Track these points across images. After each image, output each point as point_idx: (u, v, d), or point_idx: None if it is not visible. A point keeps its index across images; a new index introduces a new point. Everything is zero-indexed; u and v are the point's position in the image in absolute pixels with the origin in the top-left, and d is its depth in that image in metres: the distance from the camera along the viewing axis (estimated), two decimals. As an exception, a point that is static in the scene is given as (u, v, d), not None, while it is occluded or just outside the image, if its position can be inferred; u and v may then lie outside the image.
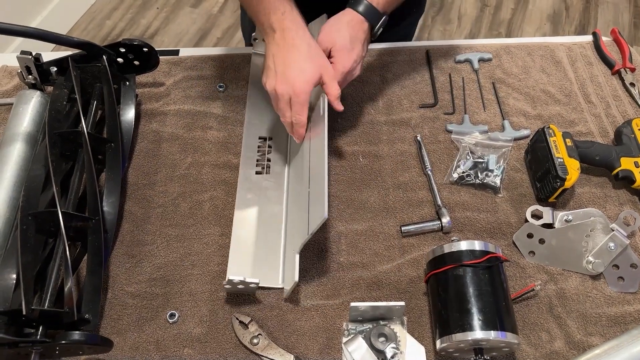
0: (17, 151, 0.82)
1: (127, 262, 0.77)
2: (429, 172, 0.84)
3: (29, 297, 0.62)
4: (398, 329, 0.70)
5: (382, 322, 0.71)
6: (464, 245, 0.69)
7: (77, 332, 0.61)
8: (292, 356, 0.69)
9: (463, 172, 0.83)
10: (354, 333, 0.70)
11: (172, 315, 0.72)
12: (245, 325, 0.71)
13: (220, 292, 0.74)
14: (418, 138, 0.88)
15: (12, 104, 0.93)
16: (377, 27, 0.79)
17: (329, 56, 0.77)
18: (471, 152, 0.85)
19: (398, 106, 0.93)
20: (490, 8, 2.23)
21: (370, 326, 0.71)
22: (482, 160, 0.84)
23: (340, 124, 0.91)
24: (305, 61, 0.72)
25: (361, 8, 0.76)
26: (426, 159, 0.85)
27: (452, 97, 0.94)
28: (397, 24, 0.90)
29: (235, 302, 0.73)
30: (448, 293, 0.67)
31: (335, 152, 0.88)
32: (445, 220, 0.78)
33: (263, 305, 0.73)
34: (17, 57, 0.87)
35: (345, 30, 0.76)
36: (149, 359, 0.69)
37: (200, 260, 0.77)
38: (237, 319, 0.72)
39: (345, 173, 0.86)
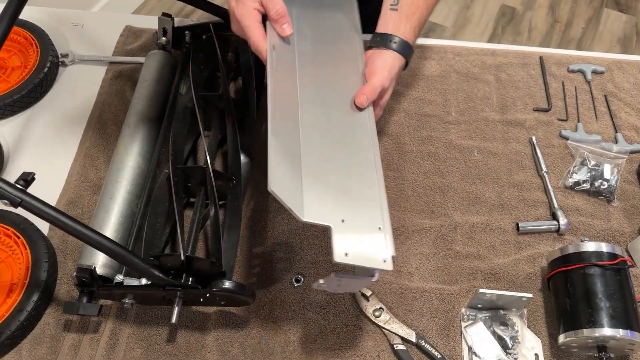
0: (149, 108, 0.85)
1: (253, 225, 0.80)
2: (544, 174, 0.86)
3: (186, 245, 0.65)
4: (516, 320, 0.72)
5: (501, 312, 0.73)
6: (592, 246, 0.70)
7: (229, 281, 0.64)
8: (414, 332, 0.71)
9: (579, 178, 0.85)
10: (473, 319, 0.73)
11: (297, 280, 0.75)
12: (366, 298, 0.74)
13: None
14: (533, 140, 0.90)
15: (140, 62, 0.97)
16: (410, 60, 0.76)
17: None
18: (587, 160, 0.87)
19: (512, 107, 0.95)
20: (561, 25, 2.23)
21: (488, 314, 0.73)
22: (597, 169, 0.86)
23: (454, 117, 0.93)
24: None
25: (406, 52, 0.73)
26: (542, 161, 0.87)
27: (565, 104, 0.96)
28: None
29: (355, 276, 0.76)
30: (577, 290, 0.68)
31: (449, 144, 0.90)
32: (563, 222, 0.80)
33: (381, 281, 0.76)
34: (159, 19, 0.91)
35: (388, 60, 0.72)
36: (274, 317, 0.72)
37: (320, 232, 0.80)
38: (360, 290, 0.74)
39: (460, 166, 0.88)
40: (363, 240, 0.56)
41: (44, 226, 0.78)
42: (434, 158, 0.88)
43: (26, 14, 0.83)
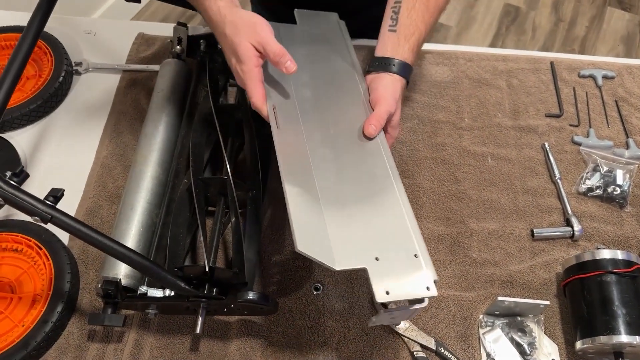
0: (165, 117, 0.86)
1: (272, 234, 0.80)
2: (558, 180, 0.87)
3: (209, 255, 0.66)
4: (534, 326, 0.73)
5: (518, 318, 0.74)
6: (608, 254, 0.71)
7: (253, 292, 0.64)
8: (433, 340, 0.72)
9: (592, 184, 0.86)
10: (490, 325, 0.74)
11: (317, 288, 0.76)
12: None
13: (358, 272, 0.78)
14: (546, 146, 0.91)
15: (154, 71, 0.97)
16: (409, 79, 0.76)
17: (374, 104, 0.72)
18: (600, 166, 0.88)
19: (524, 112, 0.96)
20: (565, 24, 2.23)
21: (506, 321, 0.74)
22: (609, 175, 0.87)
23: (467, 123, 0.94)
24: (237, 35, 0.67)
25: (406, 74, 0.74)
26: (555, 167, 0.88)
27: (577, 109, 0.97)
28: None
29: (373, 283, 0.77)
30: (594, 297, 0.70)
31: (463, 150, 0.91)
32: (578, 228, 0.81)
33: (400, 289, 0.77)
34: (174, 27, 0.91)
35: (390, 84, 0.73)
36: (295, 326, 0.73)
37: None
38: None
39: (474, 172, 0.89)
40: (401, 272, 0.56)
41: (64, 237, 0.79)
42: (448, 164, 0.89)
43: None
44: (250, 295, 0.64)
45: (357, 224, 0.59)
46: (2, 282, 0.74)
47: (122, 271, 0.70)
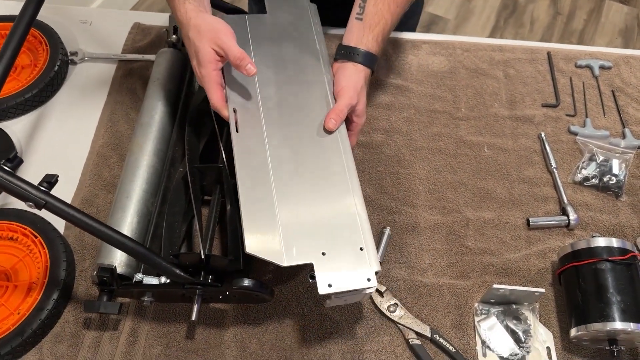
0: (161, 106, 0.85)
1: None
2: (554, 170, 0.87)
3: (205, 243, 0.66)
4: (528, 314, 0.74)
5: (514, 306, 0.74)
6: (603, 242, 0.72)
7: (249, 279, 0.64)
8: (429, 327, 0.72)
9: (588, 174, 0.86)
10: (485, 313, 0.74)
11: (312, 277, 0.75)
12: (381, 294, 0.75)
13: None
14: (542, 136, 0.91)
15: (150, 60, 0.97)
16: (375, 69, 0.77)
17: (350, 114, 0.74)
18: (596, 155, 0.88)
19: (521, 102, 0.96)
20: (563, 17, 2.23)
21: (501, 309, 0.74)
22: (605, 164, 0.87)
23: (464, 113, 0.94)
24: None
25: (370, 63, 0.75)
26: (551, 157, 0.88)
27: (574, 99, 0.97)
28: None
29: (369, 272, 0.77)
30: (588, 285, 0.70)
31: (459, 140, 0.91)
32: (573, 217, 0.81)
33: (395, 277, 0.77)
34: (170, 17, 0.91)
35: (365, 91, 0.75)
36: (291, 313, 0.73)
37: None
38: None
39: (470, 162, 0.89)
40: (345, 265, 0.60)
41: (60, 225, 0.79)
42: (445, 154, 0.89)
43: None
44: (246, 282, 0.64)
45: (309, 221, 0.63)
46: (-3, 271, 0.74)
47: (117, 259, 0.70)
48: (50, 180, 0.56)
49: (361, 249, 0.61)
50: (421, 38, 1.04)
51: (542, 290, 0.71)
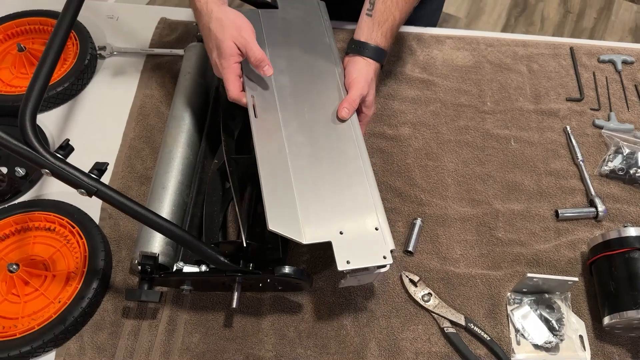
0: (193, 100, 0.86)
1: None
2: (580, 162, 0.88)
3: (244, 232, 0.67)
4: (561, 303, 0.75)
5: (546, 295, 0.75)
6: (635, 232, 0.72)
7: (289, 266, 0.65)
8: (463, 316, 0.73)
9: (614, 166, 0.87)
10: (518, 302, 0.75)
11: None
12: (414, 284, 0.76)
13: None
14: (567, 129, 0.92)
15: (178, 55, 0.98)
16: (384, 63, 0.80)
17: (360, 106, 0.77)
18: (622, 148, 0.89)
19: (545, 97, 0.97)
20: (573, 15, 2.24)
21: (533, 298, 0.75)
22: (632, 157, 0.88)
23: (489, 107, 0.95)
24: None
25: (379, 58, 0.78)
26: (577, 150, 0.89)
27: (597, 94, 0.98)
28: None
29: (401, 262, 0.78)
30: (621, 274, 0.71)
31: (486, 133, 0.92)
32: (601, 208, 0.82)
33: (428, 267, 0.78)
34: (200, 10, 0.91)
35: (374, 84, 0.78)
36: (326, 303, 0.74)
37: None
38: (407, 276, 0.76)
39: (498, 155, 0.90)
40: (362, 244, 0.63)
41: (95, 216, 0.80)
42: (472, 147, 0.90)
43: (59, 6, 0.82)
44: (288, 269, 0.65)
45: (326, 202, 0.65)
46: (35, 261, 0.75)
47: (156, 248, 0.71)
48: (101, 168, 0.57)
49: (376, 229, 0.64)
50: (445, 33, 1.05)
51: (576, 278, 0.72)
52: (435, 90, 0.97)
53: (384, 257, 0.62)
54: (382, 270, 0.64)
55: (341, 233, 0.63)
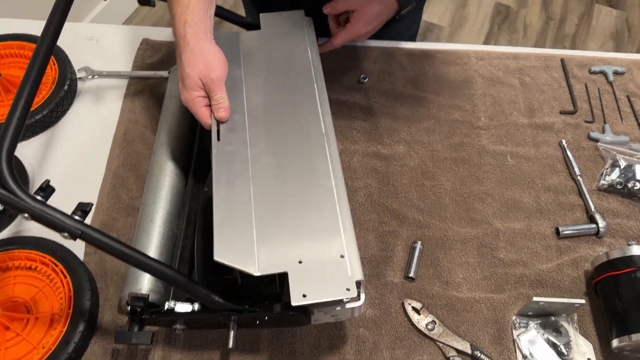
0: (180, 124, 0.83)
1: (296, 241, 0.78)
2: (578, 177, 0.87)
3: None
4: (568, 326, 0.73)
5: (552, 318, 0.73)
6: (639, 250, 0.71)
7: (285, 303, 0.62)
8: (469, 343, 0.71)
9: (612, 180, 0.86)
10: (524, 326, 0.73)
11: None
12: (417, 312, 0.73)
13: (388, 277, 0.76)
14: (563, 143, 0.91)
15: (162, 77, 0.94)
16: (404, 11, 0.84)
17: (352, 15, 0.83)
18: (618, 161, 0.88)
19: (539, 110, 0.96)
20: (555, 22, 2.26)
21: (539, 321, 0.73)
22: (629, 170, 0.87)
23: (483, 122, 0.93)
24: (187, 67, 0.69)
25: None
26: (575, 165, 0.88)
27: (591, 106, 0.97)
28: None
29: (402, 289, 0.76)
30: (628, 294, 0.69)
31: (482, 150, 0.90)
32: (602, 225, 0.81)
33: (431, 293, 0.75)
34: (185, 32, 0.88)
35: (377, 5, 0.80)
36: (327, 336, 0.71)
37: (360, 244, 0.79)
38: (410, 304, 0.74)
39: (495, 172, 0.88)
40: (323, 274, 0.57)
41: (79, 252, 0.76)
42: (469, 164, 0.88)
43: (37, 30, 0.79)
44: (285, 307, 0.62)
45: (288, 227, 0.60)
46: (16, 303, 0.71)
47: (145, 286, 0.68)
48: (85, 209, 0.53)
49: (342, 256, 0.58)
50: (435, 48, 1.03)
51: (582, 301, 0.70)
52: (428, 106, 0.95)
53: (348, 290, 0.55)
54: (356, 304, 0.58)
55: (300, 262, 0.57)
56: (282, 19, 0.85)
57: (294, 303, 0.55)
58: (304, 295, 0.55)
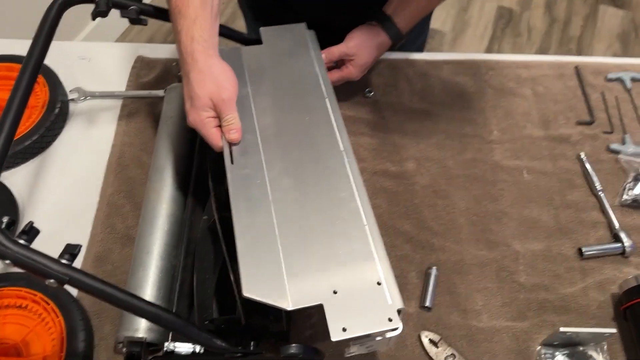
0: (177, 148, 0.79)
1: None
2: (600, 193, 0.82)
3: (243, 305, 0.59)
4: (596, 356, 0.68)
5: (580, 348, 0.68)
6: (673, 273, 0.66)
7: (296, 345, 0.57)
8: (492, 379, 0.66)
9: (636, 195, 0.81)
10: (550, 357, 0.68)
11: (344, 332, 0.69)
12: (435, 344, 0.69)
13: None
14: (582, 156, 0.86)
15: (158, 96, 0.90)
16: (397, 45, 0.87)
17: (348, 59, 0.84)
18: (642, 174, 0.83)
19: (554, 121, 0.91)
20: (559, 23, 2.21)
21: (567, 351, 0.68)
22: (653, 183, 0.82)
23: (496, 136, 0.89)
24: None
25: (392, 34, 0.84)
26: (595, 179, 0.83)
27: (609, 115, 0.92)
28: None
29: (418, 319, 0.71)
30: (663, 322, 0.64)
31: (496, 165, 0.85)
32: (628, 243, 0.76)
33: (449, 324, 0.70)
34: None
35: (374, 52, 0.85)
36: (338, 374, 0.66)
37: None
38: (427, 337, 0.69)
39: (511, 189, 0.83)
40: (361, 304, 0.52)
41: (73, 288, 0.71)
42: (483, 182, 0.84)
43: (26, 50, 0.74)
44: (294, 349, 0.57)
45: (317, 256, 0.56)
46: (6, 345, 0.66)
47: (142, 325, 0.63)
48: (73, 252, 0.49)
49: (379, 283, 0.54)
50: (442, 58, 0.99)
51: (614, 330, 0.65)
52: (437, 120, 0.90)
53: (390, 320, 0.51)
54: (395, 333, 0.53)
55: (335, 292, 0.53)
56: (284, 33, 0.81)
57: (334, 339, 0.50)
58: (344, 329, 0.50)
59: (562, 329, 0.64)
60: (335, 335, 0.50)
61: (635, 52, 2.12)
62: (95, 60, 0.97)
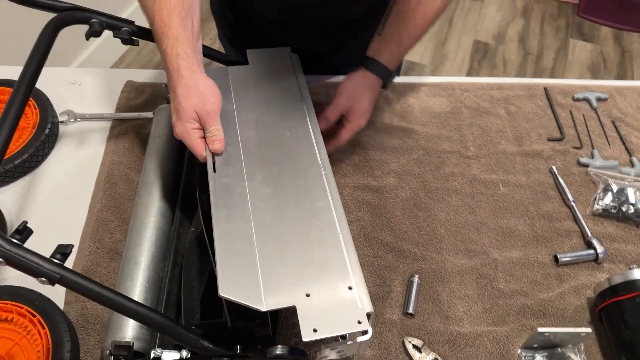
0: (165, 164, 0.81)
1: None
2: (572, 203, 0.86)
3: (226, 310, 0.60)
4: (575, 357, 0.69)
5: (559, 350, 0.70)
6: (641, 274, 0.69)
7: (281, 346, 0.59)
8: (474, 382, 0.67)
9: (606, 205, 0.85)
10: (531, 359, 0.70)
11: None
12: (418, 350, 0.70)
13: (386, 315, 0.73)
14: (554, 170, 0.90)
15: (147, 118, 0.93)
16: (389, 83, 0.86)
17: (346, 114, 0.83)
18: (610, 185, 0.87)
19: (527, 138, 0.96)
20: (533, 56, 2.32)
21: (546, 353, 0.70)
22: (622, 193, 0.86)
23: (473, 152, 0.93)
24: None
25: (378, 71, 0.83)
26: (567, 191, 0.87)
27: (577, 132, 0.97)
28: None
29: (401, 326, 0.72)
30: (634, 320, 0.67)
31: (473, 179, 0.89)
32: (600, 250, 0.79)
33: (432, 329, 0.72)
34: (169, 71, 0.88)
35: (367, 94, 0.84)
36: (324, 381, 0.67)
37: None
38: (410, 342, 0.70)
39: (488, 201, 0.87)
40: (332, 308, 0.55)
41: (59, 301, 0.72)
42: (461, 194, 0.87)
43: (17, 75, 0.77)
44: (279, 350, 0.58)
45: (292, 260, 0.58)
46: (-10, 359, 0.66)
47: (129, 333, 0.63)
48: (65, 252, 0.50)
49: (350, 288, 0.56)
50: (419, 81, 1.04)
51: (589, 330, 0.68)
52: (416, 137, 0.94)
53: (359, 322, 0.54)
54: (365, 338, 0.56)
55: (308, 296, 0.55)
56: (269, 55, 0.85)
57: (305, 339, 0.52)
58: (315, 330, 0.53)
59: (540, 330, 0.66)
60: (307, 336, 0.52)
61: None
62: (85, 85, 1.00)
